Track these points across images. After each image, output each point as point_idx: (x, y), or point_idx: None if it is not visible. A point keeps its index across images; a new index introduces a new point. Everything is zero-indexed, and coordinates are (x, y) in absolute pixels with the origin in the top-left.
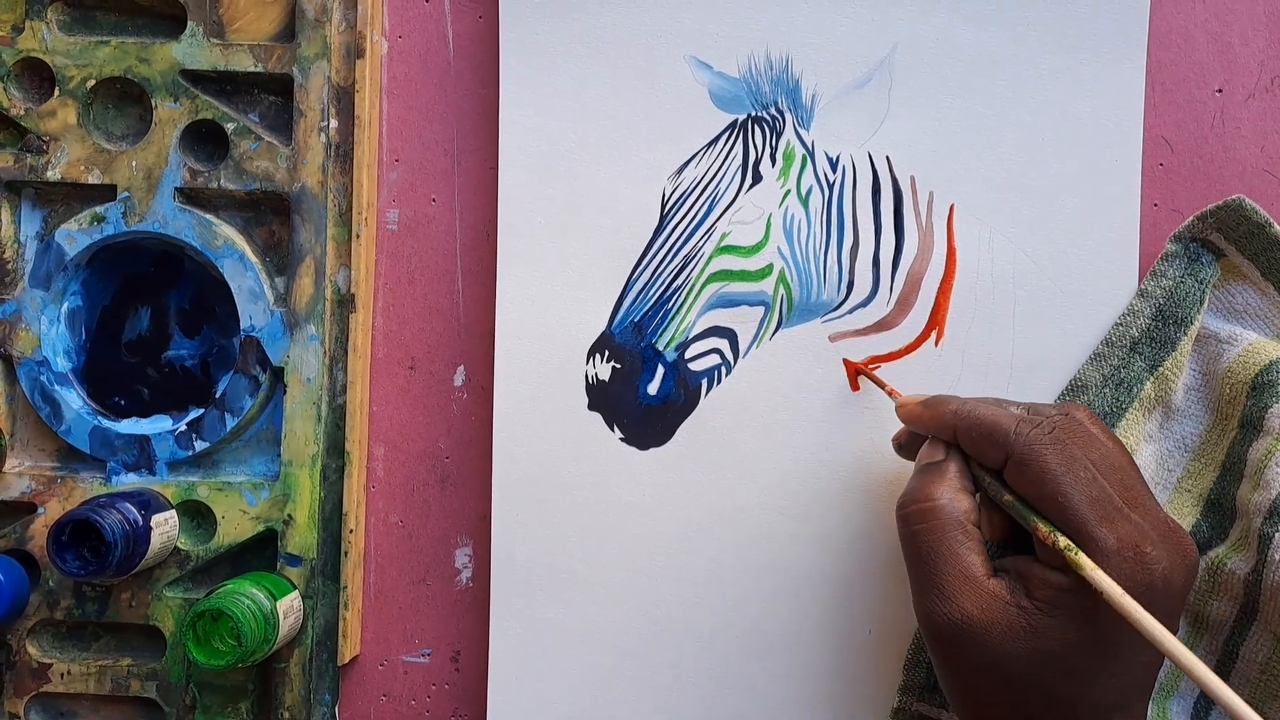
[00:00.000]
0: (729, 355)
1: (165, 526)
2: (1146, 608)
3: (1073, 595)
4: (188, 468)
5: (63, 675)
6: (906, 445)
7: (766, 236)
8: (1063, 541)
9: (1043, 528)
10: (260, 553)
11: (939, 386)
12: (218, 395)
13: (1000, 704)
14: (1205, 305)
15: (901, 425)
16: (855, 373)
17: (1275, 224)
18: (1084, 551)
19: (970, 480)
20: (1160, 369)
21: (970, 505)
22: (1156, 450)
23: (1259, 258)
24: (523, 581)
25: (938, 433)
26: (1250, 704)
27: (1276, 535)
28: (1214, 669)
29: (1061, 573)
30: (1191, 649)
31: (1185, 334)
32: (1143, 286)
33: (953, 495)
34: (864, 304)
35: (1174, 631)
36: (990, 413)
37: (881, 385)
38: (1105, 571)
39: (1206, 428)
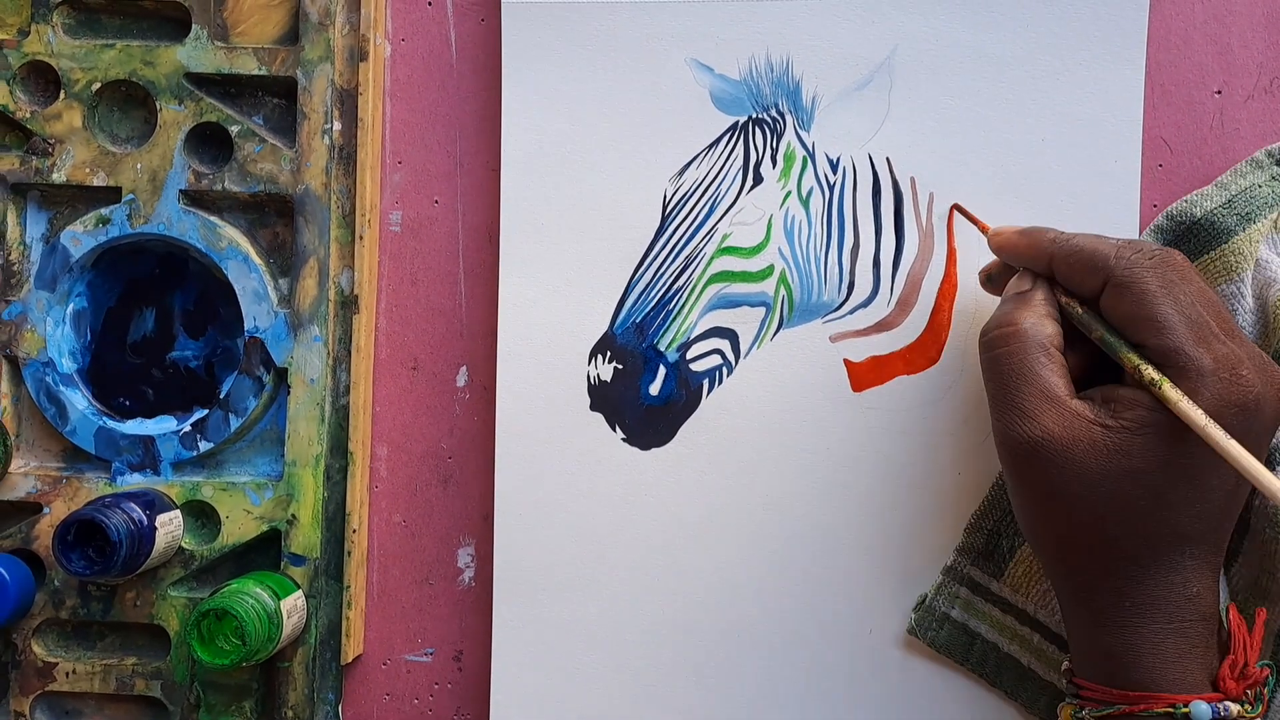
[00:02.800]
0: (730, 356)
1: (170, 526)
2: (1238, 428)
3: (1161, 414)
4: (192, 468)
5: (68, 674)
6: (995, 278)
7: (767, 238)
8: (1148, 374)
9: (1130, 360)
10: (264, 552)
11: (939, 387)
12: (222, 396)
13: (1079, 525)
14: (1275, 218)
15: (989, 262)
16: (955, 209)
17: None
18: (1178, 369)
19: (1057, 309)
20: (1206, 255)
21: (1055, 330)
22: None
23: None
24: (525, 581)
25: (1032, 262)
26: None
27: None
28: None
29: (1149, 393)
30: None
31: (1244, 230)
32: (1221, 179)
33: (1037, 320)
34: (864, 304)
35: (1262, 458)
36: (1090, 240)
37: (975, 221)
38: (1200, 390)
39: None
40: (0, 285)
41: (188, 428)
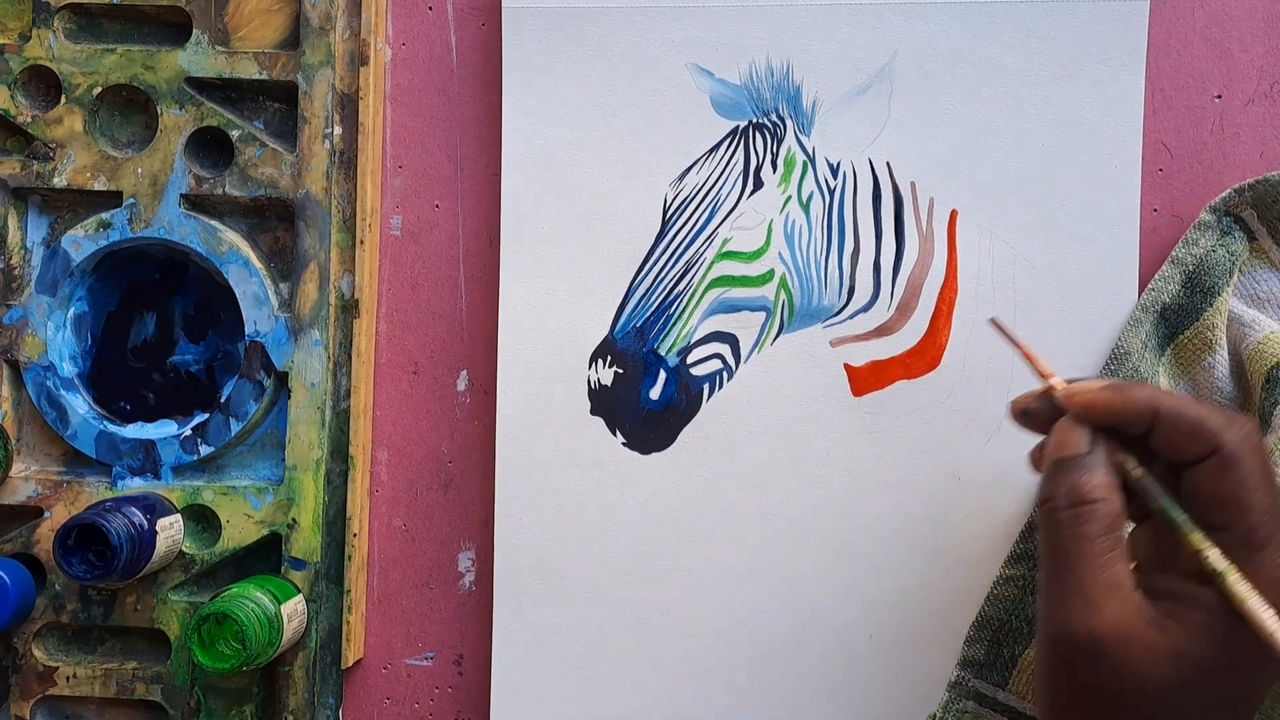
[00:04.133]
0: (730, 360)
1: (170, 530)
2: None
3: (1222, 618)
4: (193, 472)
5: (68, 678)
6: (1034, 415)
7: (768, 242)
8: (1212, 562)
9: (1196, 542)
10: (264, 557)
11: (940, 391)
12: (222, 400)
13: None
14: (1234, 279)
15: (1020, 398)
16: (999, 330)
17: None
18: (1251, 564)
19: (1119, 475)
20: (1180, 336)
21: (1123, 507)
22: None
23: None
24: (525, 585)
25: (1129, 422)
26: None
27: None
28: None
29: (1211, 589)
30: None
31: (1211, 304)
32: (1174, 254)
33: (1108, 494)
34: (865, 309)
35: None
36: (1198, 406)
37: (1036, 365)
38: (1265, 589)
39: (1238, 406)
40: (1, 289)
41: (188, 432)
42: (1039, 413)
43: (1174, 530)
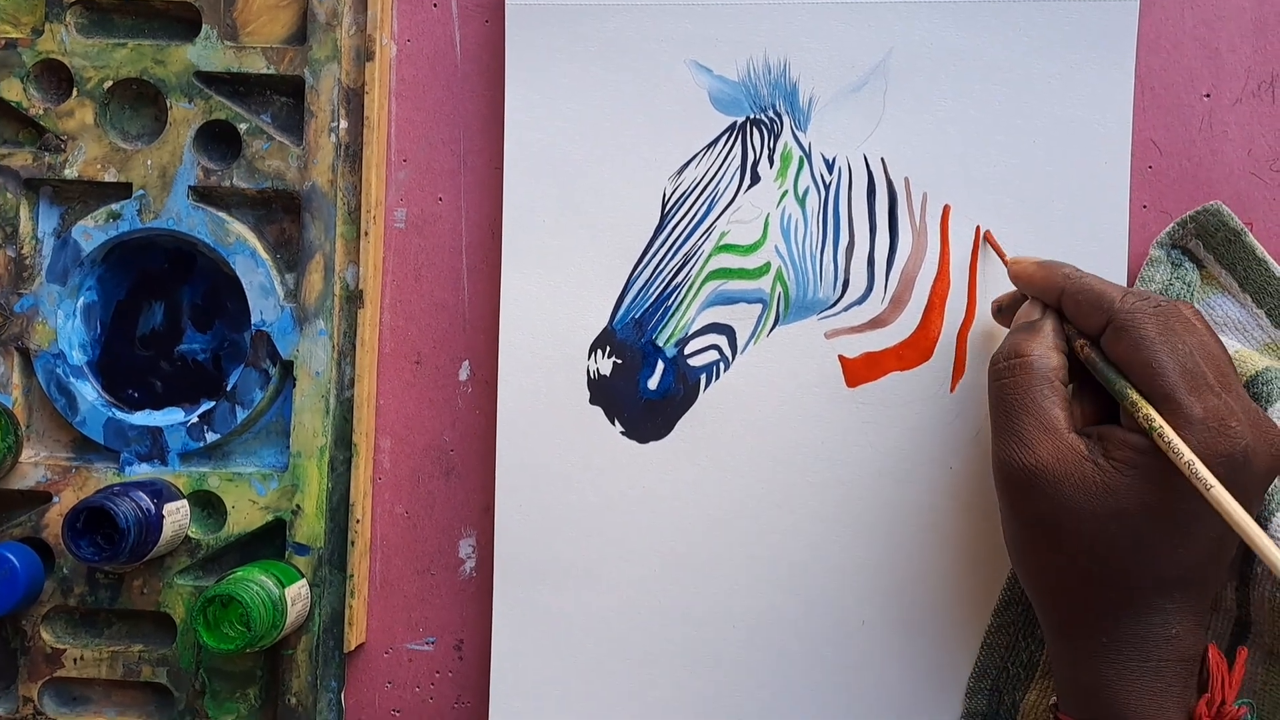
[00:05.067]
0: (727, 351)
1: (177, 515)
2: (1224, 479)
3: (1151, 458)
4: (199, 459)
5: (75, 661)
6: (1006, 309)
7: (764, 236)
8: (1145, 413)
9: (1130, 394)
10: (269, 542)
11: (933, 382)
12: (229, 388)
13: (1059, 557)
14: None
15: (998, 298)
16: (985, 239)
17: (1249, 233)
18: (1167, 416)
19: (1064, 341)
20: None
21: (1060, 363)
22: None
23: (1235, 267)
24: (525, 572)
25: (1044, 293)
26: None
27: (1271, 513)
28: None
29: (1143, 436)
30: None
31: None
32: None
33: (1044, 351)
34: (859, 302)
35: (1253, 512)
36: (1099, 281)
37: (998, 249)
38: (1186, 439)
39: None
40: (13, 279)
41: (195, 419)
42: (1010, 306)
43: (1113, 392)
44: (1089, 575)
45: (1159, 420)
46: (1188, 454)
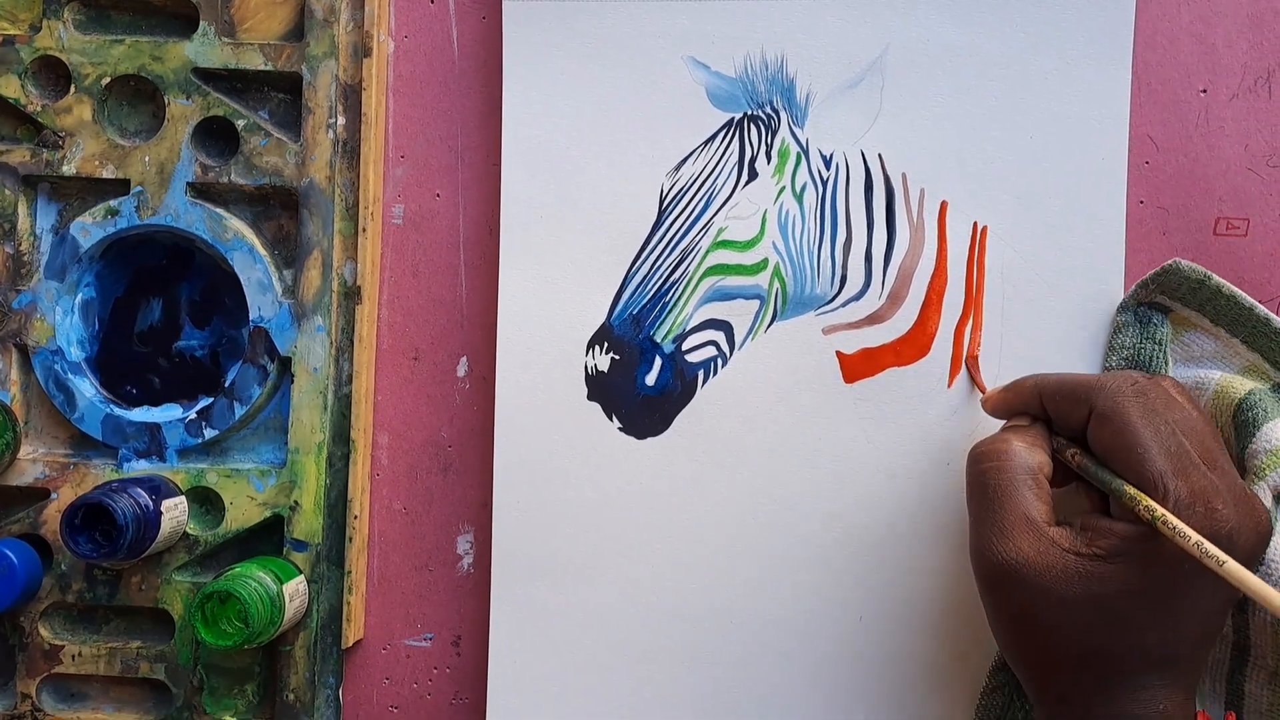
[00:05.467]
0: (725, 347)
1: (175, 511)
2: None
3: (1134, 543)
4: (197, 455)
5: (74, 657)
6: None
7: (762, 232)
8: (1144, 501)
9: (1127, 490)
10: (267, 538)
11: (929, 378)
12: (227, 384)
13: (1048, 646)
14: (1170, 364)
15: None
16: (964, 361)
17: (1213, 275)
18: (1155, 500)
19: (1049, 445)
20: None
21: (1045, 460)
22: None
23: (1205, 307)
24: (523, 568)
25: (1025, 408)
26: None
27: (1257, 574)
28: (1225, 705)
29: (1127, 522)
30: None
31: None
32: (1105, 364)
33: (1028, 446)
34: (856, 298)
35: (1237, 592)
36: (1073, 375)
37: (980, 385)
38: (1187, 522)
39: None
40: (11, 275)
41: (193, 415)
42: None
43: (1109, 490)
44: (1077, 658)
45: (1160, 509)
46: (1194, 535)
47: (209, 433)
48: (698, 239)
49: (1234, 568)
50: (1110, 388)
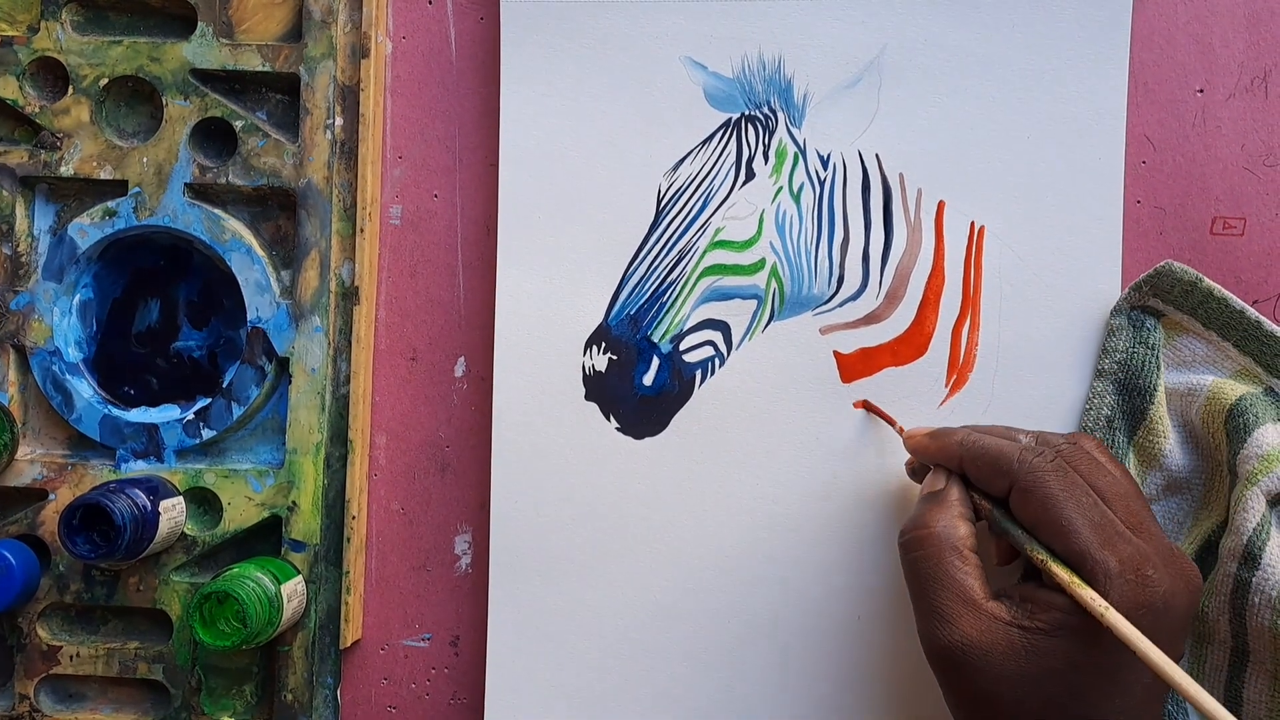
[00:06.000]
0: (722, 347)
1: (173, 512)
2: (1148, 628)
3: (1075, 617)
4: (195, 455)
5: (72, 658)
6: (918, 471)
7: (759, 232)
8: (1061, 573)
9: (1040, 556)
10: (265, 538)
11: (926, 378)
12: (225, 385)
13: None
14: (1162, 368)
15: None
16: (860, 406)
17: (1204, 278)
18: (1085, 574)
19: (970, 508)
20: (1135, 439)
21: (968, 531)
22: (1161, 510)
23: (1197, 311)
24: (521, 568)
25: (944, 462)
26: None
27: (1254, 579)
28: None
29: (1064, 595)
30: None
31: (1153, 401)
32: (1098, 366)
33: (950, 521)
34: (854, 298)
35: (1178, 653)
36: (995, 443)
37: (887, 419)
38: (1107, 592)
39: (1207, 475)
40: (9, 276)
41: (191, 416)
42: (921, 469)
43: (1025, 554)
44: None
45: (1070, 578)
46: (1110, 612)
47: (207, 433)
48: (695, 239)
49: (1117, 622)
50: (1030, 462)
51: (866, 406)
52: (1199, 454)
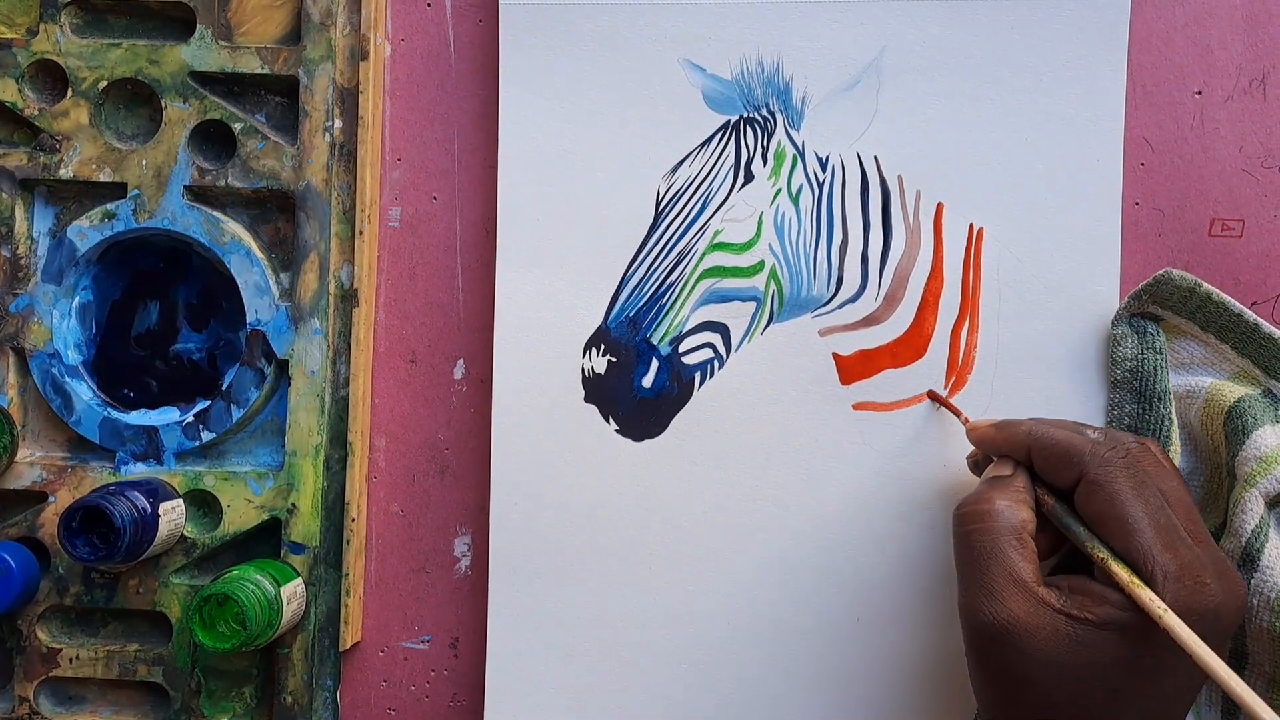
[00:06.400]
0: (721, 349)
1: (172, 514)
2: (1199, 634)
3: (1127, 614)
4: (195, 458)
5: (71, 660)
6: (980, 464)
7: (758, 234)
8: (1121, 572)
9: (1100, 554)
10: (265, 541)
11: (926, 380)
12: (224, 387)
13: (1032, 708)
14: (1165, 374)
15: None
16: (928, 397)
17: (1202, 282)
18: (1145, 574)
19: (1033, 498)
20: (1172, 446)
21: (1029, 517)
22: None
23: (1195, 315)
24: (520, 570)
25: (1010, 452)
26: None
27: (1252, 581)
28: (1221, 713)
29: (1118, 591)
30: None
31: (1171, 404)
32: (1111, 377)
33: (1012, 503)
34: (853, 299)
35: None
36: (1065, 435)
37: (954, 410)
38: (1164, 594)
39: (1206, 478)
40: (8, 278)
41: (190, 418)
42: (984, 461)
43: (1084, 550)
44: None
45: (1130, 577)
46: (1169, 615)
47: (206, 436)
48: (694, 241)
49: (1174, 624)
50: (1102, 456)
51: (932, 396)
52: (1198, 456)
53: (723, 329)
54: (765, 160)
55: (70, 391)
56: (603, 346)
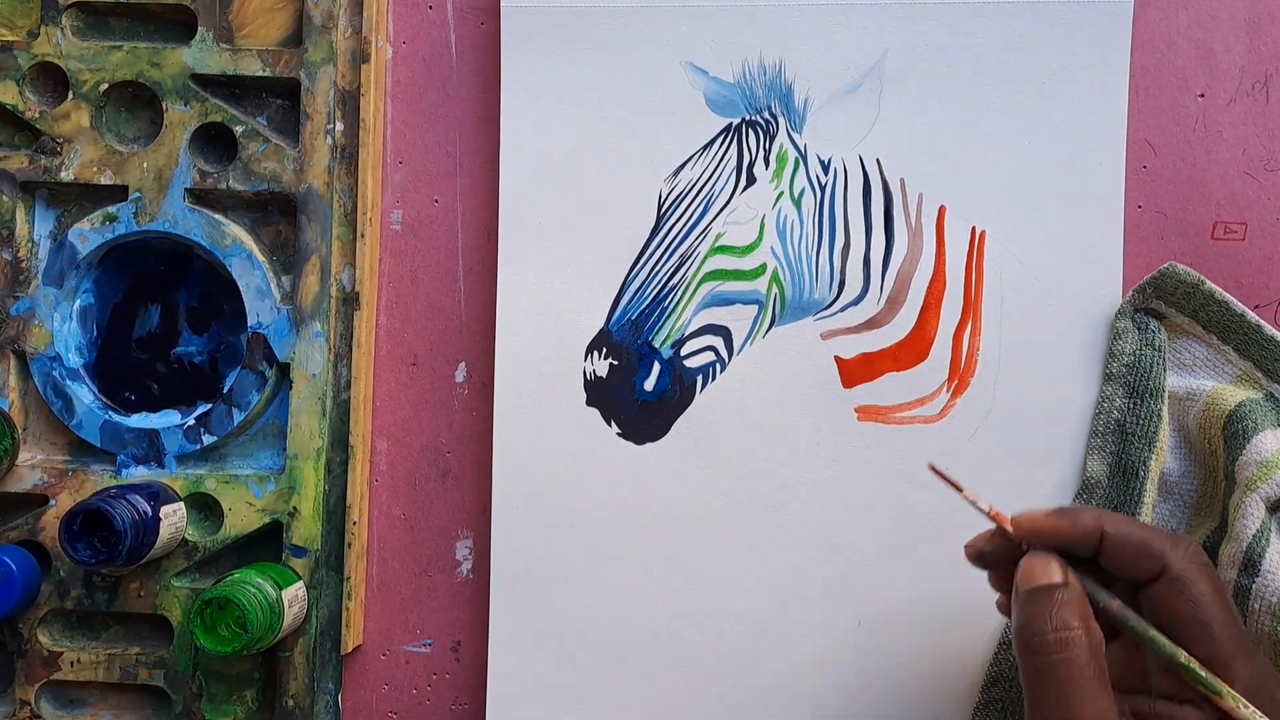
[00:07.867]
0: (723, 352)
1: (173, 518)
2: None
3: None
4: (196, 461)
5: (72, 663)
6: (989, 555)
7: (760, 237)
8: (1212, 681)
9: (1183, 661)
10: (266, 544)
11: (929, 383)
12: (225, 390)
13: None
14: (1168, 371)
15: (976, 535)
16: (929, 469)
17: (1205, 280)
18: (1227, 681)
19: (1087, 603)
20: (1158, 444)
21: (1100, 638)
22: (1157, 513)
23: (1198, 314)
24: (522, 573)
25: (1074, 545)
26: None
27: (1254, 586)
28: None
29: (1194, 707)
30: None
31: (1164, 401)
32: (1106, 370)
33: (1088, 624)
34: (855, 303)
35: None
36: (1143, 529)
37: (954, 485)
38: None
39: (1200, 481)
40: (9, 281)
41: (191, 421)
42: (994, 552)
43: (1160, 653)
44: None
45: (1224, 687)
46: (1260, 716)
47: (207, 439)
48: (696, 244)
49: None
50: (1187, 553)
51: (933, 470)
52: (1192, 459)
53: (725, 332)
54: (767, 163)
55: (71, 394)
56: (604, 349)
